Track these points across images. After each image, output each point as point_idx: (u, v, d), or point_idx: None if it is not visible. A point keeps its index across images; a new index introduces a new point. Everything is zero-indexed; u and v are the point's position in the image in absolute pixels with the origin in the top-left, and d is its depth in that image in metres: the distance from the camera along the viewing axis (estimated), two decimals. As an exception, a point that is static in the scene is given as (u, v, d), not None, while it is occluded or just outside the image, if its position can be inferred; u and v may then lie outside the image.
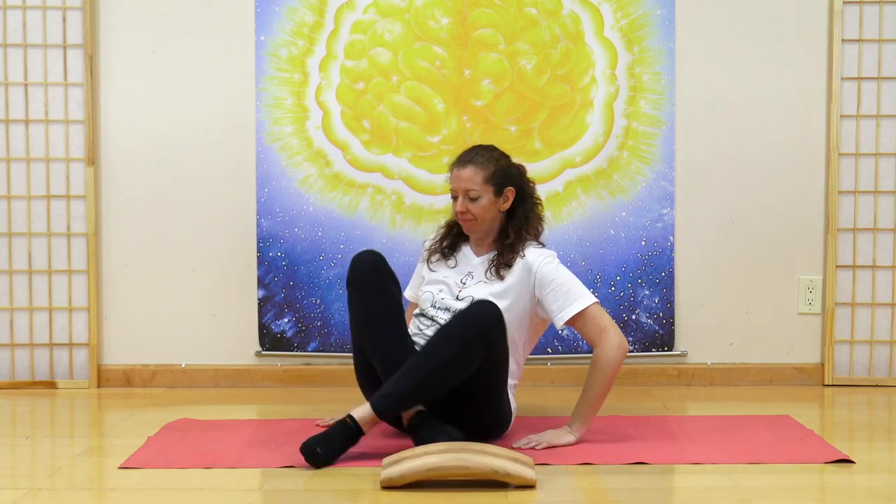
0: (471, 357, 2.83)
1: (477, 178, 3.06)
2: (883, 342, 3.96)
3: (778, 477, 2.73)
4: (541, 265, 3.04)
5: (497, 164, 3.09)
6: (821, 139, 3.93)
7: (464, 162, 3.10)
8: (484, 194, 3.07)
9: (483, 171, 3.07)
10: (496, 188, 3.08)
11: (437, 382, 2.84)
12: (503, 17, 3.85)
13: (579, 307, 2.99)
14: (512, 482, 2.62)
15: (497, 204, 3.09)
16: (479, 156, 3.10)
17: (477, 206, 3.07)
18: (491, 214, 3.09)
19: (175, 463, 2.85)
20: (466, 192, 3.07)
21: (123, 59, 3.86)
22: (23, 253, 3.88)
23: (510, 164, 3.13)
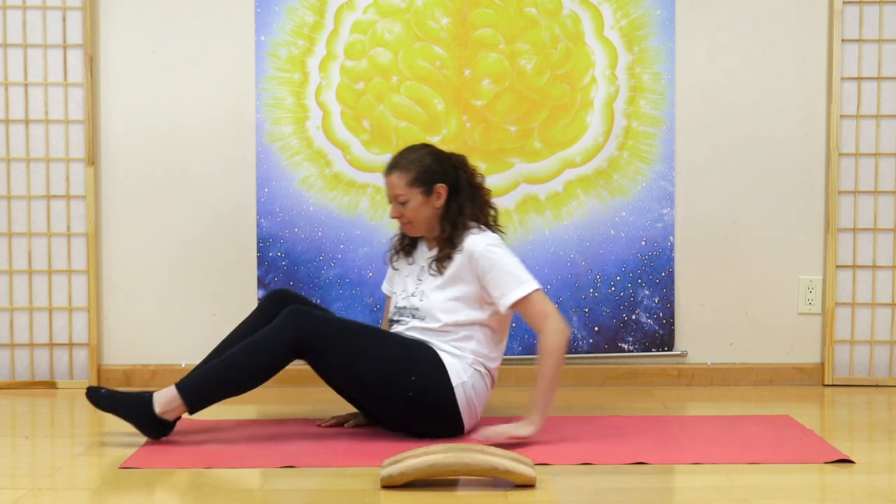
0: (270, 356, 2.96)
1: (401, 182, 3.09)
2: (883, 342, 3.96)
3: (778, 477, 2.73)
4: (481, 252, 3.04)
5: (420, 165, 3.09)
6: (821, 139, 3.93)
7: (389, 168, 3.13)
8: (412, 197, 3.08)
9: (406, 174, 3.08)
10: (424, 188, 3.09)
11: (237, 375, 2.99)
12: (503, 17, 3.85)
13: (520, 293, 3.01)
14: (512, 479, 2.62)
15: (430, 203, 3.10)
16: (403, 159, 3.12)
17: (408, 210, 3.10)
18: (425, 214, 3.11)
19: (175, 463, 2.85)
20: (396, 198, 3.10)
21: (123, 59, 3.86)
22: (23, 253, 3.88)
23: (438, 161, 3.12)
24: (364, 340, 3.00)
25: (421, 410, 3.02)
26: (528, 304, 3.03)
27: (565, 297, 3.88)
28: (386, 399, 3.04)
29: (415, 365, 3.00)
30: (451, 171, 3.13)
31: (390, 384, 3.00)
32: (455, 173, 3.13)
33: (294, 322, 2.97)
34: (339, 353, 2.98)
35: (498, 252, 3.06)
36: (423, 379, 2.99)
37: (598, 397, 3.75)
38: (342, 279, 3.85)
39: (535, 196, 3.88)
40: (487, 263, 3.03)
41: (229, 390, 3.03)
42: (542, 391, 3.01)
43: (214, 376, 3.00)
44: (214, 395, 3.02)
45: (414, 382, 2.98)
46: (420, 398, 3.00)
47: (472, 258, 3.05)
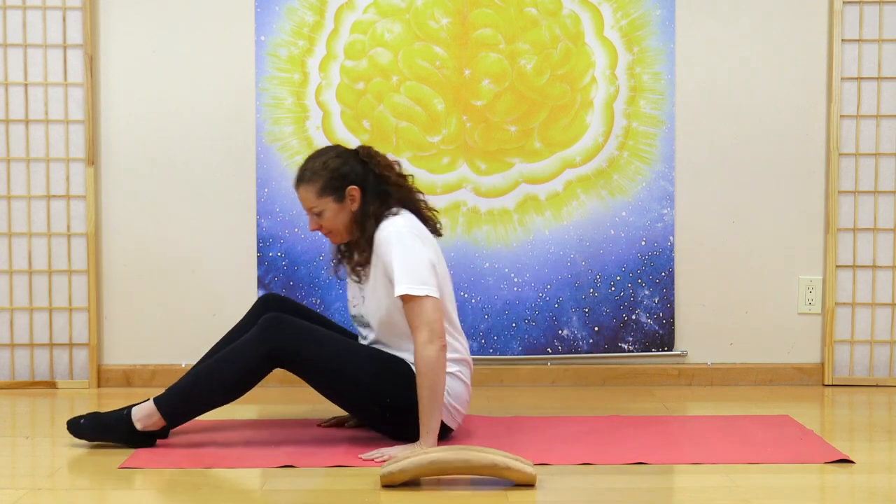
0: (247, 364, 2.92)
1: (310, 195, 2.96)
2: (883, 342, 3.96)
3: (778, 477, 2.73)
4: (382, 238, 2.91)
5: (326, 172, 2.95)
6: (821, 139, 3.93)
7: (296, 181, 3.01)
8: (325, 207, 2.96)
9: (313, 185, 2.96)
10: (336, 195, 2.96)
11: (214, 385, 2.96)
12: (503, 17, 3.85)
13: (401, 290, 2.84)
14: (512, 477, 2.62)
15: (345, 208, 2.97)
16: (307, 171, 2.98)
17: (325, 220, 2.97)
18: (343, 220, 2.98)
19: (175, 463, 2.85)
20: (310, 210, 2.99)
21: (123, 59, 3.86)
22: (23, 253, 3.88)
23: (345, 162, 2.98)
24: (338, 358, 2.93)
25: (401, 424, 2.96)
26: (405, 307, 2.87)
27: (565, 297, 3.88)
28: (366, 415, 3.03)
29: (386, 384, 2.93)
30: (360, 168, 2.98)
31: (365, 403, 2.97)
32: (364, 169, 2.99)
33: (269, 333, 2.92)
34: (314, 367, 2.94)
35: (395, 241, 2.88)
36: (396, 397, 2.92)
37: (598, 397, 3.75)
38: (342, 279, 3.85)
39: (535, 196, 3.88)
40: (385, 249, 2.89)
41: (207, 403, 3.00)
42: (422, 410, 2.84)
43: (191, 389, 2.98)
44: (192, 408, 3.00)
45: (389, 403, 2.94)
46: (397, 414, 2.95)
47: (377, 246, 2.93)
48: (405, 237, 2.89)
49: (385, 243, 2.90)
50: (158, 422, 2.97)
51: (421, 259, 2.88)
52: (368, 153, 3.03)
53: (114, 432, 2.98)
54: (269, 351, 2.91)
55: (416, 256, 2.87)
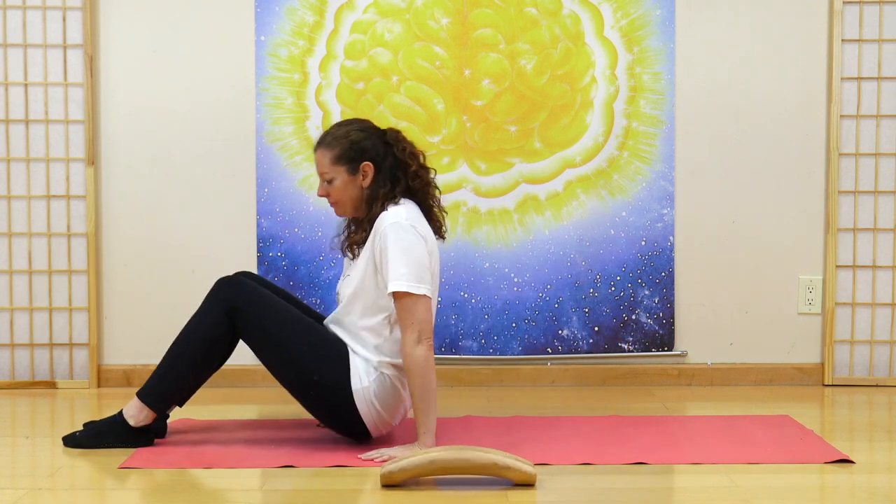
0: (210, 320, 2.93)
1: (325, 160, 2.94)
2: (883, 342, 3.96)
3: (778, 477, 2.73)
4: (383, 229, 2.86)
5: (346, 141, 2.93)
6: (821, 139, 3.93)
7: (316, 144, 3.00)
8: (337, 175, 2.93)
9: (330, 151, 2.93)
10: (349, 166, 2.93)
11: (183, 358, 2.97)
12: (503, 17, 3.85)
13: (394, 286, 2.81)
14: (512, 476, 2.62)
15: (356, 182, 2.94)
16: (329, 135, 2.97)
17: (334, 189, 2.94)
18: (351, 194, 2.95)
19: (175, 463, 2.85)
20: (322, 176, 2.97)
21: (123, 59, 3.86)
22: (23, 253, 3.88)
23: (367, 137, 2.95)
24: (283, 327, 2.92)
25: (323, 409, 2.96)
26: (398, 304, 2.83)
27: (565, 297, 3.88)
28: (293, 390, 3.00)
29: (321, 364, 2.91)
30: (381, 147, 2.95)
31: (295, 378, 2.95)
32: (385, 150, 2.95)
33: (222, 293, 2.95)
34: (262, 329, 2.93)
35: (399, 234, 2.84)
36: (325, 379, 2.90)
37: (598, 397, 3.75)
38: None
39: (535, 196, 3.88)
40: (383, 242, 2.84)
41: (185, 381, 3.00)
42: (417, 410, 2.83)
43: (166, 372, 2.99)
44: (172, 389, 3.00)
45: (315, 382, 2.91)
46: (321, 397, 2.94)
47: (376, 234, 2.88)
48: (408, 231, 2.85)
49: (386, 233, 2.85)
50: (149, 414, 2.98)
51: (421, 258, 2.85)
52: (396, 137, 3.00)
53: (111, 435, 2.99)
54: (224, 310, 2.92)
55: (416, 254, 2.84)
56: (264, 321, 2.93)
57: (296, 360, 2.93)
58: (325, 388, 2.91)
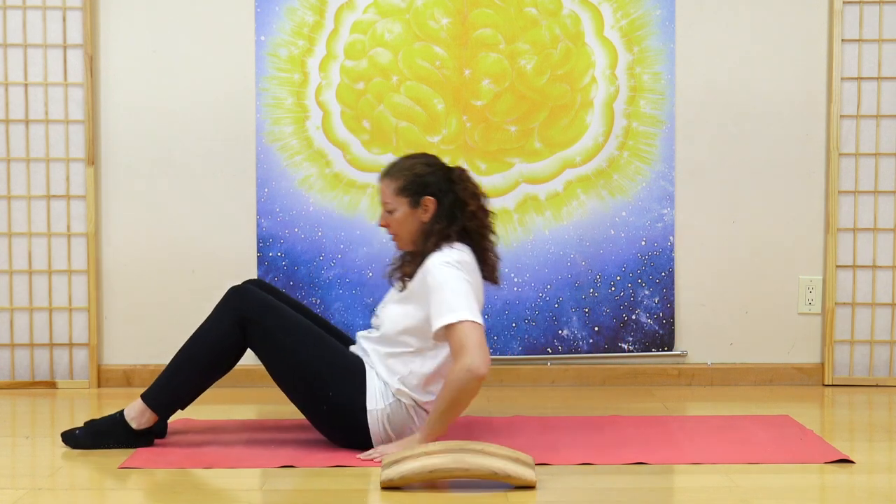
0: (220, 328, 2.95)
1: (389, 190, 2.95)
2: (883, 342, 3.96)
3: (778, 477, 2.73)
4: (431, 268, 2.86)
5: (411, 174, 2.94)
6: (821, 139, 3.93)
7: (381, 174, 3.01)
8: (398, 206, 2.94)
9: (394, 182, 2.95)
10: (411, 199, 2.93)
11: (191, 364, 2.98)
12: (503, 17, 3.85)
13: (448, 319, 2.77)
14: (512, 483, 2.62)
15: (416, 215, 2.94)
16: (395, 167, 2.99)
17: (394, 219, 2.96)
18: (410, 227, 2.96)
19: (175, 463, 2.85)
20: (384, 206, 2.99)
21: (123, 59, 3.86)
22: (23, 253, 3.88)
23: (432, 172, 2.96)
24: (296, 340, 2.93)
25: (333, 425, 2.96)
26: (452, 332, 2.77)
27: (565, 297, 3.88)
28: (303, 404, 2.99)
29: (336, 380, 2.91)
30: (446, 184, 2.96)
31: (306, 392, 2.95)
32: (448, 188, 2.96)
33: (233, 303, 2.95)
34: (273, 342, 2.93)
35: (448, 272, 2.83)
36: (340, 396, 2.91)
37: (598, 397, 3.75)
38: (342, 279, 3.85)
39: (535, 196, 3.88)
40: (433, 281, 2.83)
41: (190, 387, 3.00)
42: (434, 416, 2.81)
43: (172, 377, 2.99)
44: (178, 396, 3.00)
45: (330, 398, 2.91)
46: (333, 413, 2.93)
47: (424, 273, 2.88)
48: (455, 270, 2.85)
49: (434, 271, 2.85)
50: (151, 417, 2.98)
51: (467, 289, 2.83)
52: (461, 176, 2.99)
53: (111, 436, 2.98)
54: (235, 319, 2.93)
55: (463, 288, 2.82)
56: (276, 333, 2.94)
57: (308, 374, 2.93)
58: (338, 404, 2.91)
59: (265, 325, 2.94)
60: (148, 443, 3.00)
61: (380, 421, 2.91)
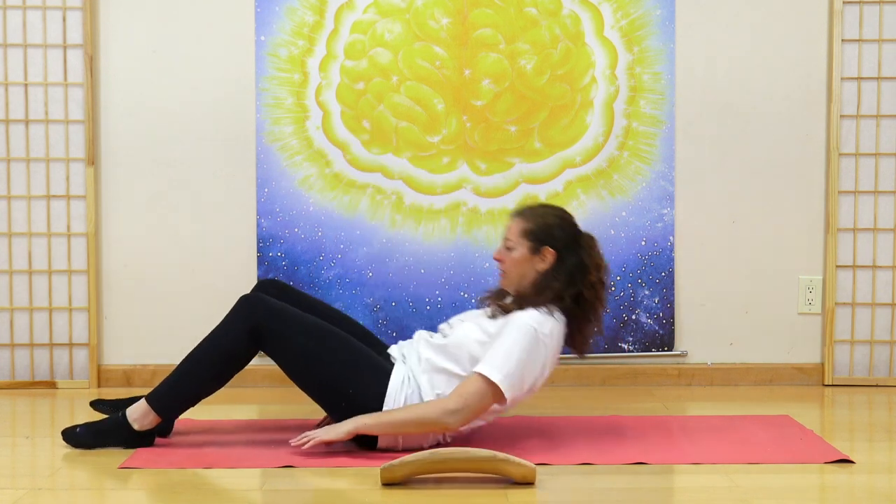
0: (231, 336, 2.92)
1: (515, 228, 3.00)
2: (883, 342, 3.96)
3: (778, 477, 2.73)
4: (516, 321, 2.87)
5: (541, 220, 2.99)
6: (821, 139, 3.93)
7: (514, 211, 3.06)
8: (518, 247, 2.97)
9: (524, 223, 2.99)
10: (533, 245, 2.96)
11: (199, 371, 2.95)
12: (503, 17, 3.85)
13: (482, 370, 2.81)
14: (512, 471, 2.61)
15: (532, 261, 2.97)
16: (528, 209, 3.04)
17: (510, 258, 2.99)
18: (521, 269, 2.98)
19: (175, 463, 2.85)
20: (505, 241, 3.01)
21: (123, 59, 3.86)
22: (23, 253, 3.88)
23: (562, 227, 2.99)
24: (314, 343, 2.93)
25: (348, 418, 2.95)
26: (473, 379, 2.82)
27: (565, 297, 3.88)
28: (323, 403, 2.99)
29: (356, 378, 2.92)
30: (572, 244, 2.98)
31: (328, 392, 2.95)
32: (573, 248, 2.97)
33: (248, 310, 2.94)
34: (286, 347, 2.94)
35: (525, 336, 2.84)
36: (358, 394, 2.91)
37: (598, 397, 3.75)
38: (342, 279, 3.85)
39: (535, 196, 3.88)
40: (508, 332, 2.86)
41: (196, 392, 2.99)
42: (381, 416, 2.85)
43: (179, 381, 2.98)
44: (183, 400, 2.99)
45: (350, 395, 2.92)
46: (350, 411, 2.92)
47: (511, 319, 2.90)
48: (535, 339, 2.85)
49: (517, 325, 2.86)
50: (154, 419, 2.98)
51: (520, 355, 2.83)
52: (590, 242, 3.02)
53: (113, 436, 2.98)
54: (246, 328, 2.92)
55: (519, 350, 2.83)
56: (291, 338, 2.93)
57: (327, 375, 2.93)
58: (356, 403, 2.91)
59: (278, 331, 2.93)
60: (149, 443, 3.00)
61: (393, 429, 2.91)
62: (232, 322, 2.96)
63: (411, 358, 2.99)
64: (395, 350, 3.08)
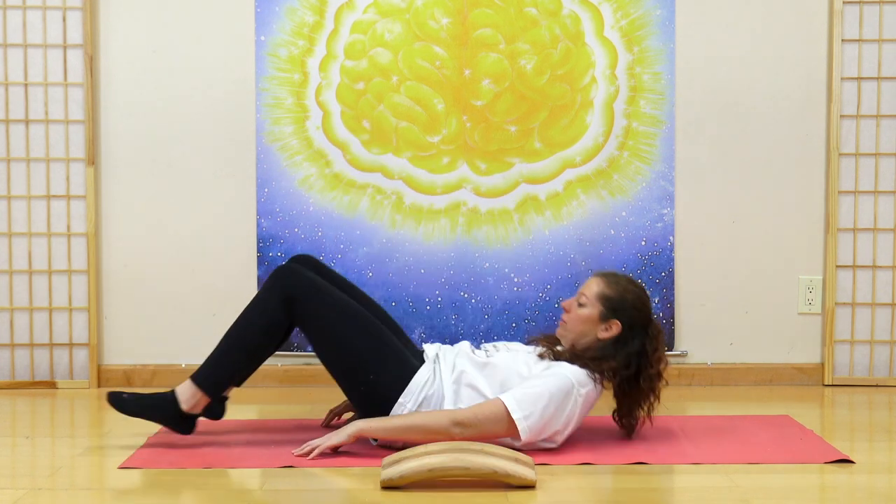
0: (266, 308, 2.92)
1: (595, 289, 3.00)
2: (883, 342, 3.96)
3: (778, 477, 2.73)
4: (560, 371, 2.89)
5: (622, 293, 2.98)
6: (821, 139, 3.93)
7: (600, 273, 3.06)
8: (590, 307, 2.98)
9: (604, 287, 2.99)
10: (604, 311, 2.97)
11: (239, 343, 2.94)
12: (503, 17, 3.85)
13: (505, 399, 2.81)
14: (512, 482, 2.62)
15: (596, 326, 2.98)
16: (615, 276, 3.03)
17: (577, 313, 2.99)
18: (583, 329, 2.99)
19: (175, 463, 2.85)
20: (579, 296, 3.01)
21: (123, 59, 3.86)
22: (23, 253, 3.88)
23: (637, 307, 2.98)
24: (345, 323, 2.93)
25: (364, 404, 2.96)
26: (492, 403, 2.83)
27: (565, 297, 3.87)
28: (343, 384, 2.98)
29: (379, 366, 2.92)
30: (640, 329, 2.98)
31: (350, 374, 2.95)
32: (641, 334, 2.98)
33: (283, 280, 2.94)
34: (317, 323, 2.93)
35: (561, 388, 2.85)
36: (378, 382, 2.91)
37: (598, 397, 3.75)
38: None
39: (535, 196, 3.88)
40: (546, 375, 2.88)
41: (240, 366, 2.98)
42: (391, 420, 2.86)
43: (222, 356, 2.97)
44: (227, 375, 2.98)
45: (370, 381, 2.92)
46: (367, 396, 2.93)
47: (556, 366, 2.92)
48: (572, 395, 2.87)
49: (555, 374, 2.88)
50: (202, 401, 2.96)
51: (547, 407, 2.84)
52: (657, 333, 3.01)
53: (158, 411, 2.96)
54: (282, 299, 2.91)
55: (546, 403, 2.84)
56: (322, 314, 2.94)
57: (352, 357, 2.93)
58: (374, 390, 2.91)
59: (311, 304, 2.93)
60: (189, 429, 2.99)
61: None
62: (268, 292, 2.96)
63: (445, 362, 2.99)
64: (431, 349, 3.07)
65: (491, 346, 3.14)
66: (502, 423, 2.83)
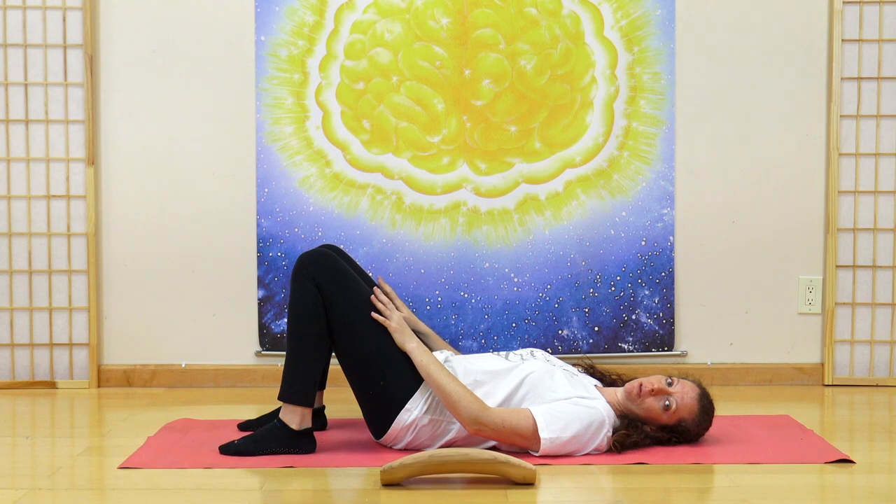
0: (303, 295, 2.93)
1: (683, 412, 2.95)
2: (883, 342, 3.96)
3: (778, 477, 2.73)
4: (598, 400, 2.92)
5: (696, 430, 2.98)
6: (821, 139, 3.93)
7: (701, 383, 3.02)
8: (666, 417, 2.94)
9: (687, 415, 2.96)
10: (675, 426, 2.97)
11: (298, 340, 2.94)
12: (503, 17, 3.85)
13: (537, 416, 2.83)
14: (512, 473, 2.61)
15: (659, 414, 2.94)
16: (709, 401, 3.00)
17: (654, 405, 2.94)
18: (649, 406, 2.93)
19: (175, 463, 2.85)
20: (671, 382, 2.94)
21: (123, 59, 3.86)
22: (23, 253, 3.88)
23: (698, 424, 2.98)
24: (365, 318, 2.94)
25: (371, 406, 2.95)
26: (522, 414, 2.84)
27: (565, 297, 3.88)
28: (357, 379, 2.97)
29: (392, 368, 2.92)
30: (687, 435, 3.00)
31: (364, 370, 2.94)
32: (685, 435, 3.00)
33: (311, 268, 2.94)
34: (341, 314, 2.93)
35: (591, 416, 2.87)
36: (389, 385, 2.91)
37: (598, 397, 3.75)
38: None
39: (535, 196, 3.88)
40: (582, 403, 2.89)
41: (315, 361, 2.96)
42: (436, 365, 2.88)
43: (296, 362, 2.95)
44: (310, 378, 2.95)
45: (381, 386, 2.92)
46: (376, 399, 2.93)
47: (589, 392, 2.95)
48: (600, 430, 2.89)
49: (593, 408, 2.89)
50: (304, 414, 2.94)
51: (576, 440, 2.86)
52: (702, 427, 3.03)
53: (273, 440, 2.94)
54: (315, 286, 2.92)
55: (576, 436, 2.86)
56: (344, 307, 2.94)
57: (366, 358, 2.93)
58: (385, 392, 2.91)
59: (334, 296, 2.93)
60: (309, 446, 2.95)
61: (409, 423, 2.91)
62: (298, 282, 2.95)
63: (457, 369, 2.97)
64: (439, 357, 3.05)
65: (527, 352, 3.10)
66: (524, 436, 2.84)
